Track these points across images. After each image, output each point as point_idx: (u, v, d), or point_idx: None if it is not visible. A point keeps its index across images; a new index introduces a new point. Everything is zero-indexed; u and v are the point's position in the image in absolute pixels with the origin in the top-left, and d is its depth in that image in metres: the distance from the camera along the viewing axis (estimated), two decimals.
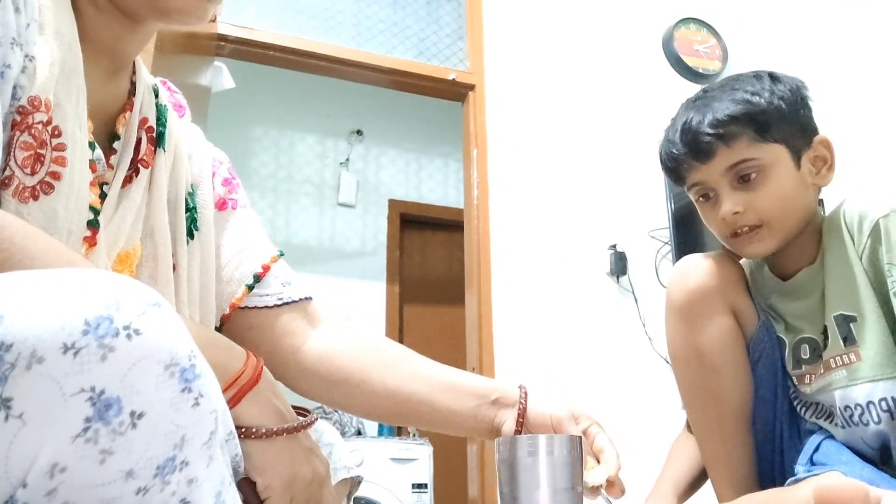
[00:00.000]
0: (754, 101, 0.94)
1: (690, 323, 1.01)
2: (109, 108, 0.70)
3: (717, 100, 0.96)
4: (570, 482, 0.73)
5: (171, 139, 0.76)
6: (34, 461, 0.37)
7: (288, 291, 0.83)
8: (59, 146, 0.58)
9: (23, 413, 0.36)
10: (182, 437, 0.41)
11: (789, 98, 0.95)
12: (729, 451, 1.01)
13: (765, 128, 0.93)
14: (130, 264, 0.68)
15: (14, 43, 0.56)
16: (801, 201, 0.96)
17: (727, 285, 1.00)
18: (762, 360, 1.01)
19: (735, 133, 0.93)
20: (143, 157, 0.71)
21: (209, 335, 0.59)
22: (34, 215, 0.56)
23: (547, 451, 0.73)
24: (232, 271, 0.81)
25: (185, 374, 0.42)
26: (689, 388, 1.05)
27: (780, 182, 0.94)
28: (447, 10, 2.97)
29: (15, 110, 0.57)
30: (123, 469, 0.38)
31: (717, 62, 3.11)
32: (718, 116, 0.93)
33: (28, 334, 0.37)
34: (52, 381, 0.37)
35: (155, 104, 0.76)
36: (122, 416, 0.38)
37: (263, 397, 0.60)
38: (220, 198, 0.83)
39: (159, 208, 0.72)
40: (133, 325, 0.40)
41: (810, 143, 0.97)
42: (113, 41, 0.68)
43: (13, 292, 0.39)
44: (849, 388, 0.90)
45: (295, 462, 0.60)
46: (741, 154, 0.94)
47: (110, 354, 0.38)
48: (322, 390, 0.83)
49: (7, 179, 0.55)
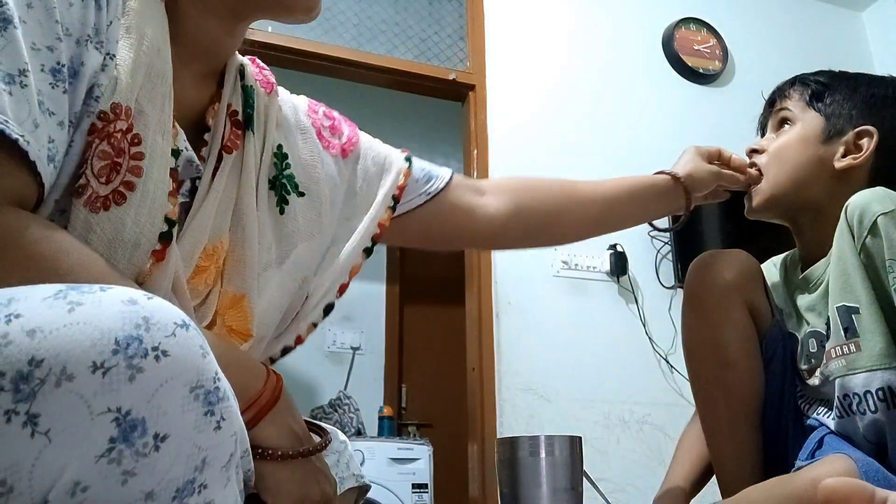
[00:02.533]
0: (828, 81, 1.06)
1: (707, 317, 1.01)
2: (198, 105, 0.70)
3: (803, 75, 1.11)
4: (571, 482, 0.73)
5: (259, 119, 0.74)
6: (57, 479, 0.36)
7: (435, 184, 0.92)
8: (136, 155, 0.57)
9: (49, 430, 0.36)
10: (203, 460, 0.41)
11: (880, 90, 1.03)
12: (738, 447, 1.01)
13: (816, 97, 1.04)
14: (217, 259, 0.67)
15: (90, 40, 0.55)
16: (806, 173, 1.02)
17: (745, 281, 1.02)
18: (774, 359, 1.02)
19: (787, 91, 1.08)
20: (226, 143, 0.70)
21: (231, 353, 0.58)
22: (102, 226, 0.55)
23: (547, 451, 0.73)
24: (374, 195, 0.87)
25: (209, 397, 0.42)
26: (702, 382, 1.05)
27: (795, 138, 1.04)
28: (448, 11, 2.97)
29: (96, 115, 0.56)
30: (144, 490, 0.38)
31: (717, 62, 3.11)
32: (795, 79, 1.10)
33: (59, 351, 0.37)
34: (81, 399, 0.37)
35: (242, 86, 0.74)
36: (146, 438, 0.38)
37: (281, 418, 0.59)
38: (338, 147, 0.85)
39: (248, 193, 0.70)
40: (162, 346, 0.40)
41: (841, 132, 1.02)
42: (209, 44, 0.68)
43: (46, 307, 0.39)
44: (847, 378, 0.90)
45: (306, 483, 0.59)
46: (783, 104, 1.07)
47: (139, 375, 0.38)
48: (525, 241, 1.11)
49: (81, 188, 0.55)
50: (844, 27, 3.48)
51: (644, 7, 3.11)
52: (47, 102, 0.52)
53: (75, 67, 0.55)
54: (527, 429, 2.33)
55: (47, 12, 0.53)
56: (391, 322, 3.94)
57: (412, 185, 0.91)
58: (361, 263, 0.87)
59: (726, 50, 3.14)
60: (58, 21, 0.53)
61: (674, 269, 2.72)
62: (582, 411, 2.44)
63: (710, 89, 3.09)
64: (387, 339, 3.89)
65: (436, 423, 3.66)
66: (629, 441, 2.36)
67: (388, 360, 3.85)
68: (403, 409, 3.77)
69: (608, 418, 2.45)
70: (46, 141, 0.52)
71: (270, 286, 0.71)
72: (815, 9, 3.46)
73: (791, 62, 3.31)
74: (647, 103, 2.93)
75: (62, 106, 0.53)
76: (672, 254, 2.73)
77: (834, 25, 3.46)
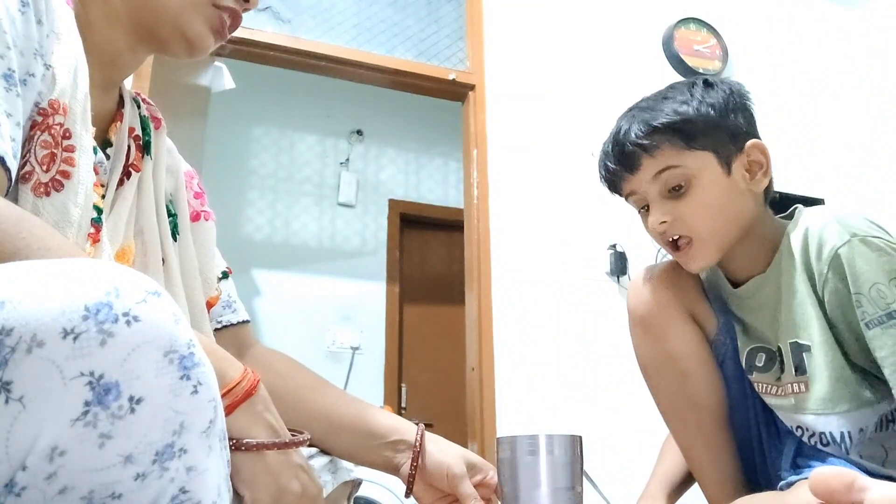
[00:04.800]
0: (681, 111, 0.93)
1: (654, 332, 1.02)
2: (104, 117, 0.74)
3: (647, 110, 0.95)
4: (571, 481, 0.73)
5: (154, 148, 0.80)
6: (34, 444, 0.37)
7: (227, 316, 0.86)
8: (69, 147, 0.61)
9: (23, 396, 0.37)
10: (181, 424, 0.41)
11: (720, 104, 0.94)
12: (713, 454, 1.01)
13: (690, 136, 0.92)
14: (128, 260, 0.71)
15: (36, 53, 0.59)
16: (735, 209, 0.94)
17: (682, 292, 1.02)
18: (727, 361, 1.02)
19: (657, 143, 0.93)
20: (132, 162, 0.75)
21: (208, 342, 0.59)
22: (48, 210, 0.58)
23: (547, 451, 0.73)
24: (207, 274, 0.85)
25: (183, 362, 0.42)
26: (664, 396, 1.06)
27: (709, 191, 0.93)
28: (447, 11, 2.97)
29: (37, 112, 0.60)
30: (122, 454, 0.39)
31: (717, 62, 3.11)
32: (641, 127, 0.93)
33: (29, 319, 0.37)
34: (52, 364, 0.37)
35: (139, 115, 0.80)
36: (120, 401, 0.39)
37: (257, 410, 0.59)
38: (193, 210, 0.87)
39: (148, 209, 0.76)
40: (132, 311, 0.40)
41: (743, 149, 0.95)
42: (113, 55, 0.72)
43: (14, 279, 0.39)
44: (798, 415, 0.92)
45: (284, 476, 0.59)
46: (664, 162, 0.93)
47: (110, 340, 0.39)
48: None
49: (27, 174, 0.58)
50: (844, 27, 3.47)
51: (644, 7, 3.11)
52: (4, 104, 0.55)
53: (24, 77, 0.58)
54: (526, 428, 2.32)
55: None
56: (391, 322, 3.94)
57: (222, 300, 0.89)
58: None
59: (726, 50, 3.14)
60: (5, 31, 0.56)
61: None
62: (582, 411, 2.44)
63: None
64: (387, 338, 3.89)
65: (436, 423, 3.66)
66: (629, 441, 2.36)
67: (387, 360, 3.85)
68: (403, 409, 3.77)
69: (608, 418, 2.44)
70: (9, 139, 0.55)
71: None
72: (815, 8, 3.46)
73: (790, 62, 3.31)
74: None
75: (17, 108, 0.56)
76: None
77: (834, 25, 3.46)
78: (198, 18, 0.72)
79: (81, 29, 0.66)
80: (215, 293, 0.86)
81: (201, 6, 0.72)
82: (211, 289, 0.85)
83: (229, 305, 0.88)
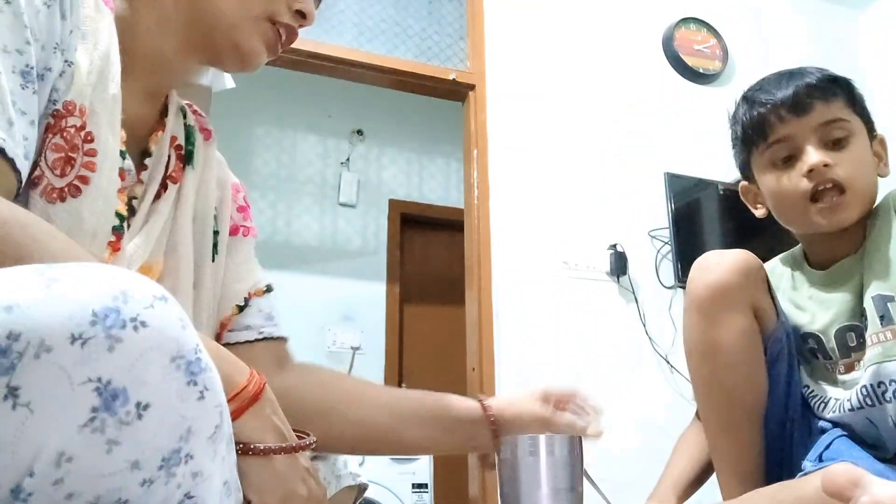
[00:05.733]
0: (844, 78, 1.01)
1: (709, 318, 0.99)
2: (143, 125, 0.72)
3: (809, 71, 1.01)
4: (571, 482, 0.73)
5: (199, 159, 0.77)
6: (41, 450, 0.37)
7: (269, 328, 0.84)
8: (90, 151, 0.60)
9: (30, 402, 0.37)
10: (188, 430, 0.41)
11: (857, 90, 1.02)
12: (739, 448, 1.00)
13: (857, 101, 1.00)
14: (151, 277, 0.69)
15: (57, 48, 0.58)
16: (874, 180, 1.00)
17: (749, 282, 0.99)
18: (779, 360, 1.00)
19: (834, 92, 0.98)
20: (171, 173, 0.73)
21: (215, 348, 0.59)
22: (60, 216, 0.58)
23: (548, 451, 0.73)
24: (230, 286, 0.83)
25: (190, 367, 0.42)
26: (703, 383, 1.04)
27: (864, 152, 0.99)
28: (448, 11, 2.97)
29: (50, 113, 0.58)
30: (129, 459, 0.39)
31: (717, 62, 3.11)
32: (819, 75, 0.98)
33: (37, 324, 0.37)
34: (60, 370, 0.37)
35: (184, 124, 0.78)
36: (128, 407, 0.39)
37: (265, 414, 0.59)
38: (234, 224, 0.85)
39: (184, 225, 0.73)
40: (140, 317, 0.40)
41: (875, 136, 1.03)
42: (160, 62, 0.70)
43: (22, 283, 0.39)
44: (883, 365, 0.90)
45: (291, 480, 0.59)
46: (836, 113, 0.97)
47: (117, 345, 0.39)
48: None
49: (36, 179, 0.57)
50: (844, 27, 3.47)
51: (644, 7, 3.11)
52: (19, 102, 0.54)
53: (41, 72, 0.57)
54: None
55: (16, 17, 0.54)
56: (391, 322, 3.94)
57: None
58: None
59: (726, 50, 3.14)
60: (26, 26, 0.55)
61: (674, 269, 2.72)
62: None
63: (710, 89, 3.09)
64: (387, 339, 3.89)
65: None
66: (629, 441, 2.36)
67: (388, 360, 3.85)
68: None
69: (608, 418, 2.44)
70: (21, 139, 0.54)
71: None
72: (814, 8, 3.46)
73: (791, 62, 3.30)
74: (647, 103, 2.93)
75: (32, 106, 0.56)
76: (672, 254, 2.73)
77: (834, 25, 3.46)
78: (254, 32, 0.71)
79: (124, 32, 0.65)
80: (229, 312, 0.82)
81: (258, 20, 0.71)
82: (230, 303, 0.82)
83: (271, 318, 0.85)
